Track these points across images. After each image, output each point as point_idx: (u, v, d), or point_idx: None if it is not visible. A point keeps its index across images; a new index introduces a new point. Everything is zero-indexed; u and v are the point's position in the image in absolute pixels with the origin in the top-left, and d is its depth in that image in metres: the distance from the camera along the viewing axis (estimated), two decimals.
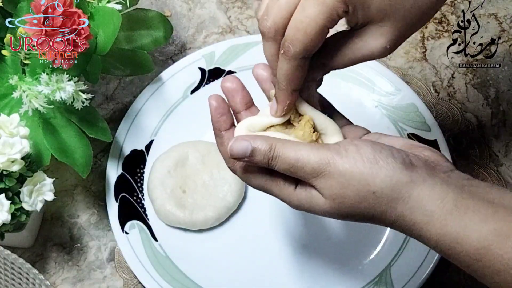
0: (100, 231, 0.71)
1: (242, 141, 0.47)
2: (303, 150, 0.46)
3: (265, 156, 0.47)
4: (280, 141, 0.47)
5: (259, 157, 0.47)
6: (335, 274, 0.67)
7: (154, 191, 0.69)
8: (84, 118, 0.65)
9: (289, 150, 0.46)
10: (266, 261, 0.68)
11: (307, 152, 0.46)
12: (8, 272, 0.61)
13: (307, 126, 0.50)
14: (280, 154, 0.47)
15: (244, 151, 0.47)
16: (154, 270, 0.66)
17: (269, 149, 0.47)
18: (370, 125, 0.73)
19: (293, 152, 0.46)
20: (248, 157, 0.47)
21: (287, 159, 0.46)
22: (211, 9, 0.83)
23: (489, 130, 0.76)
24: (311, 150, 0.46)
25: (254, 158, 0.47)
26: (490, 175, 0.73)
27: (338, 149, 0.46)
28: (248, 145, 0.47)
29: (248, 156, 0.47)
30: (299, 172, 0.46)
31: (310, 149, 0.46)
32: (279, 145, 0.47)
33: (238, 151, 0.47)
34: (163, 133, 0.74)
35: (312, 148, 0.46)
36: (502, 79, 0.79)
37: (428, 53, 0.80)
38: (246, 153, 0.47)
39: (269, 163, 0.47)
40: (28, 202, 0.60)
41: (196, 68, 0.76)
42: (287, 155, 0.46)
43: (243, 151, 0.47)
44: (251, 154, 0.47)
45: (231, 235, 0.69)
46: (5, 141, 0.58)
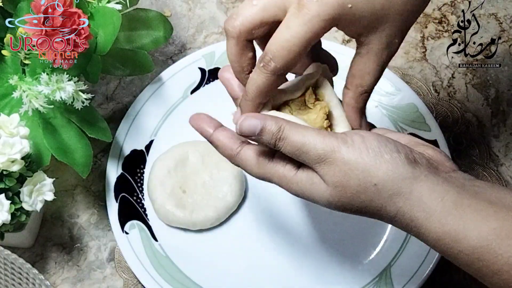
0: (100, 231, 0.71)
1: (252, 119, 0.47)
2: (310, 135, 0.46)
3: (273, 136, 0.47)
4: (289, 123, 0.47)
5: (267, 136, 0.47)
6: (335, 274, 0.67)
7: (154, 191, 0.69)
8: (84, 118, 0.65)
9: (296, 133, 0.47)
10: (266, 261, 0.68)
11: (314, 137, 0.46)
12: (8, 272, 0.61)
13: (321, 112, 0.50)
14: (288, 136, 0.47)
15: (253, 129, 0.47)
16: (154, 270, 0.66)
17: (277, 130, 0.47)
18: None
19: (301, 135, 0.46)
20: (256, 136, 0.47)
21: (294, 142, 0.47)
22: (211, 9, 0.83)
23: (489, 130, 0.76)
24: (318, 136, 0.46)
25: (262, 137, 0.47)
26: (490, 175, 0.73)
27: (345, 138, 0.46)
28: (258, 124, 0.47)
29: (256, 135, 0.47)
30: (304, 156, 0.47)
31: (317, 135, 0.46)
32: (287, 127, 0.47)
33: (248, 128, 0.47)
34: (163, 133, 0.74)
35: (319, 134, 0.46)
36: (502, 79, 0.79)
37: (428, 53, 0.80)
38: (255, 131, 0.47)
39: (275, 144, 0.47)
40: (28, 202, 0.60)
41: (196, 68, 0.76)
42: (294, 138, 0.47)
43: (253, 129, 0.47)
44: (259, 133, 0.47)
45: (231, 235, 0.69)
46: (5, 141, 0.58)
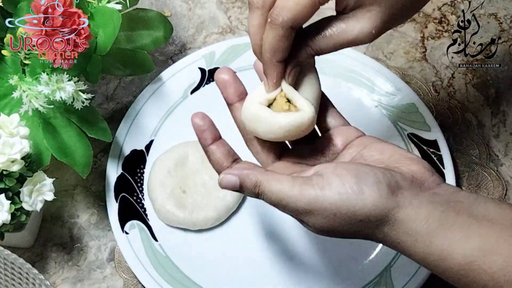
0: (100, 231, 0.71)
1: (230, 176, 0.49)
2: (286, 190, 0.47)
3: (252, 192, 0.49)
4: (266, 177, 0.48)
5: (247, 191, 0.49)
6: (335, 274, 0.67)
7: (154, 191, 0.69)
8: (84, 118, 0.65)
9: (273, 188, 0.47)
10: (265, 261, 0.68)
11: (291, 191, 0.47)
12: (8, 272, 0.61)
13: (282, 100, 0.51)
14: (265, 192, 0.48)
15: (232, 186, 0.49)
16: (154, 270, 0.66)
17: (254, 186, 0.48)
18: (370, 125, 0.74)
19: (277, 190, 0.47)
20: (237, 190, 0.49)
21: (272, 197, 0.48)
22: (211, 9, 0.83)
23: (489, 130, 0.76)
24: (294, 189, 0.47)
25: (243, 191, 0.49)
26: (490, 175, 0.73)
27: (321, 183, 0.46)
28: (236, 181, 0.49)
29: (237, 190, 0.49)
30: (285, 209, 0.48)
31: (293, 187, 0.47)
32: (263, 183, 0.48)
33: (228, 186, 0.49)
34: (163, 133, 0.74)
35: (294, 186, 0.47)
36: (502, 79, 0.79)
37: (428, 53, 0.80)
38: (235, 187, 0.49)
39: (257, 197, 0.49)
40: (28, 202, 0.60)
41: (196, 68, 0.76)
42: (271, 193, 0.48)
43: (232, 186, 0.49)
44: (240, 189, 0.49)
45: (231, 235, 0.69)
46: (5, 141, 0.58)
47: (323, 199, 0.46)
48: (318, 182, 0.46)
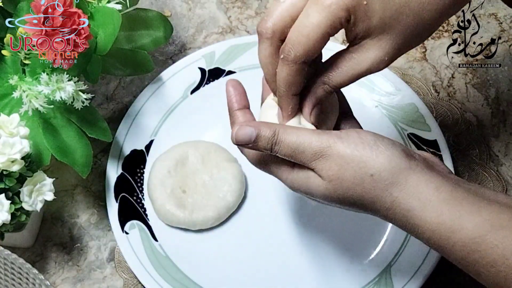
0: (100, 231, 0.71)
1: (246, 127, 0.49)
2: (305, 135, 0.47)
3: (269, 141, 0.48)
4: (283, 126, 0.48)
5: (263, 142, 0.48)
6: (335, 274, 0.67)
7: (154, 191, 0.69)
8: (84, 118, 0.65)
9: (291, 134, 0.48)
10: (265, 261, 0.68)
11: (309, 136, 0.47)
12: (8, 272, 0.61)
13: None
14: (283, 139, 0.48)
15: (249, 137, 0.48)
16: (154, 270, 0.66)
17: (272, 134, 0.48)
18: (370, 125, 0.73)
19: (295, 136, 0.47)
20: (252, 143, 0.48)
21: (290, 144, 0.47)
22: (211, 9, 0.83)
23: (489, 130, 0.76)
24: (313, 135, 0.47)
25: (258, 143, 0.48)
26: (490, 175, 0.73)
27: (339, 134, 0.47)
28: (253, 132, 0.48)
29: (252, 142, 0.48)
30: (300, 156, 0.47)
31: (312, 134, 0.47)
32: (281, 131, 0.48)
33: (244, 137, 0.48)
34: (163, 133, 0.74)
35: (313, 133, 0.47)
36: (502, 79, 0.79)
37: (428, 53, 0.80)
38: (251, 139, 0.48)
39: (272, 148, 0.48)
40: (28, 202, 0.60)
41: (196, 68, 0.76)
42: (289, 139, 0.47)
43: (248, 137, 0.48)
44: (255, 140, 0.48)
45: (231, 235, 0.69)
46: (5, 141, 0.58)
47: (339, 145, 0.46)
48: (336, 133, 0.47)
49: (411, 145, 0.72)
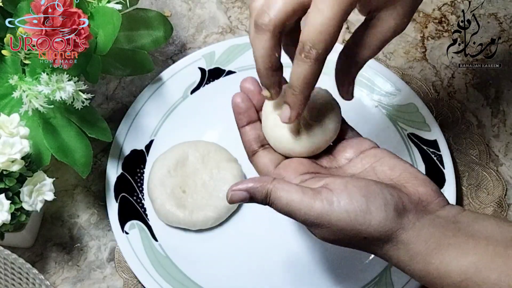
0: (100, 231, 0.71)
1: (239, 192, 0.49)
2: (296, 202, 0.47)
3: (263, 202, 0.49)
4: (275, 186, 0.48)
5: (258, 201, 0.50)
6: (335, 274, 0.67)
7: (154, 191, 0.69)
8: (84, 118, 0.65)
9: (283, 198, 0.48)
10: (265, 261, 0.68)
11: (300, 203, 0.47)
12: (8, 272, 0.61)
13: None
14: (275, 202, 0.49)
15: (243, 199, 0.49)
16: (154, 270, 0.66)
17: (265, 196, 0.49)
18: (370, 125, 0.74)
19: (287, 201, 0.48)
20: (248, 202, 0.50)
21: (282, 207, 0.48)
22: (211, 9, 0.83)
23: (489, 130, 0.76)
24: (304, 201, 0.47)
25: (254, 201, 0.50)
26: (490, 175, 0.73)
27: (331, 199, 0.47)
28: (246, 195, 0.49)
29: (248, 202, 0.50)
30: (294, 218, 0.48)
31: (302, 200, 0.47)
32: (273, 193, 0.48)
33: (239, 199, 0.50)
34: (163, 133, 0.74)
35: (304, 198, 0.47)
36: (502, 79, 0.79)
37: (428, 53, 0.80)
38: (245, 200, 0.50)
39: (268, 205, 0.50)
40: (28, 202, 0.60)
41: (196, 68, 0.76)
42: (281, 203, 0.48)
43: (242, 199, 0.50)
44: (250, 200, 0.50)
45: (231, 235, 0.69)
46: (5, 141, 0.58)
47: (331, 214, 0.47)
48: (327, 197, 0.47)
49: (411, 145, 0.72)
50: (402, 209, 0.47)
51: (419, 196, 0.49)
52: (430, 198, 0.49)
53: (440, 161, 0.71)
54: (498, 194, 0.72)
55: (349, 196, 0.47)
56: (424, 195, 0.49)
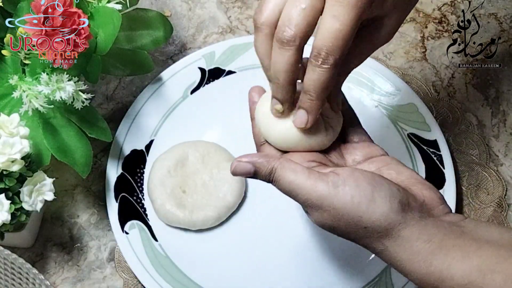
0: (100, 231, 0.71)
1: (245, 163, 0.49)
2: (300, 180, 0.47)
3: (266, 178, 0.49)
4: (281, 164, 0.48)
5: (261, 177, 0.49)
6: (335, 274, 0.67)
7: (154, 191, 0.69)
8: (84, 118, 0.65)
9: (287, 176, 0.48)
10: (265, 261, 0.68)
11: (304, 183, 0.47)
12: (8, 272, 0.61)
13: None
14: (279, 179, 0.48)
15: (247, 172, 0.49)
16: (154, 270, 0.66)
17: (269, 172, 0.49)
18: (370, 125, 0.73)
19: (291, 179, 0.48)
20: (251, 176, 0.50)
21: (285, 184, 0.48)
22: (211, 9, 0.83)
23: (489, 130, 0.76)
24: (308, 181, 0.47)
25: (257, 177, 0.49)
26: (490, 175, 0.73)
27: (337, 182, 0.47)
28: (251, 168, 0.49)
29: (252, 176, 0.50)
30: (295, 198, 0.48)
31: (307, 180, 0.47)
32: (278, 170, 0.48)
33: (242, 172, 0.49)
34: (163, 133, 0.74)
35: (309, 178, 0.47)
36: (502, 79, 0.79)
37: (428, 53, 0.80)
38: (249, 174, 0.49)
39: (270, 182, 0.49)
40: (28, 202, 0.60)
41: (196, 68, 0.76)
42: (285, 181, 0.48)
43: (246, 172, 0.49)
44: (254, 175, 0.49)
45: (231, 235, 0.69)
46: (5, 141, 0.58)
47: (335, 198, 0.46)
48: (333, 180, 0.47)
49: (411, 145, 0.72)
50: (406, 205, 0.47)
51: (424, 199, 0.49)
52: (434, 203, 0.49)
53: (440, 161, 0.71)
54: (498, 194, 0.72)
55: (356, 182, 0.46)
56: (428, 199, 0.49)
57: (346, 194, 0.46)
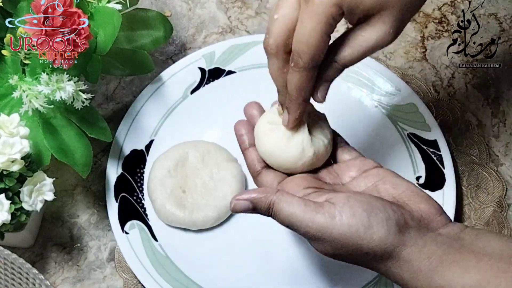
0: (100, 231, 0.71)
1: (242, 202, 0.50)
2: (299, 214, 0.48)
3: (265, 212, 0.50)
4: (278, 198, 0.49)
5: (260, 213, 0.50)
6: (335, 274, 0.67)
7: (154, 191, 0.69)
8: (84, 118, 0.65)
9: (285, 210, 0.49)
10: (265, 261, 0.68)
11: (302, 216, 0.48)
12: (8, 272, 0.61)
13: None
14: (277, 213, 0.49)
15: (246, 209, 0.50)
16: (154, 270, 0.66)
17: (267, 208, 0.50)
18: (370, 125, 0.74)
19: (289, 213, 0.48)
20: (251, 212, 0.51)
21: (284, 219, 0.49)
22: (211, 9, 0.83)
23: (489, 130, 0.76)
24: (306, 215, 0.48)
25: (256, 212, 0.51)
26: (490, 175, 0.73)
27: (333, 213, 0.47)
28: (249, 205, 0.50)
29: (251, 212, 0.51)
30: (295, 230, 0.49)
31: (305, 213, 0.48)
32: (276, 204, 0.49)
33: (241, 209, 0.50)
34: (163, 133, 0.74)
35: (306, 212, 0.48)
36: (502, 79, 0.79)
37: (428, 53, 0.80)
38: (248, 210, 0.50)
39: (270, 216, 0.50)
40: (28, 202, 0.60)
41: (196, 68, 0.76)
42: (283, 215, 0.49)
43: (245, 209, 0.50)
44: (252, 211, 0.50)
45: (231, 235, 0.69)
46: (5, 141, 0.58)
47: (333, 228, 0.47)
48: (329, 211, 0.48)
49: (411, 145, 0.72)
50: (403, 225, 0.47)
51: (421, 213, 0.49)
52: (432, 216, 0.49)
53: (440, 161, 0.71)
54: (498, 194, 0.72)
55: (351, 211, 0.47)
56: (426, 213, 0.49)
57: (344, 225, 0.47)
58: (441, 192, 0.69)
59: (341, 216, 0.47)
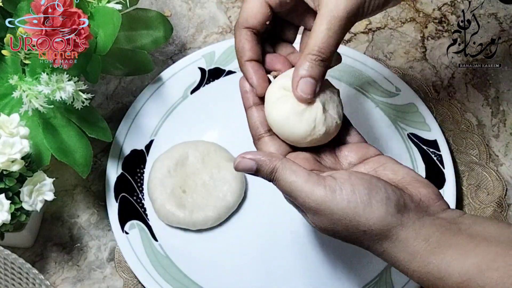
0: (100, 231, 0.71)
1: (248, 161, 0.50)
2: (299, 184, 0.48)
3: (267, 177, 0.50)
4: (282, 164, 0.49)
5: (262, 175, 0.50)
6: (335, 274, 0.67)
7: (154, 191, 0.69)
8: (84, 118, 0.65)
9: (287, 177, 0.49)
10: (266, 261, 0.68)
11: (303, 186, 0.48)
12: (8, 272, 0.61)
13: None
14: (279, 179, 0.49)
15: (249, 169, 0.50)
16: (154, 270, 0.66)
17: (270, 172, 0.49)
18: (370, 125, 0.74)
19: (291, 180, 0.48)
20: (253, 174, 0.50)
21: (285, 186, 0.49)
22: (211, 9, 0.83)
23: (489, 130, 0.76)
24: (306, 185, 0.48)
25: (258, 174, 0.50)
26: (490, 175, 0.73)
27: (333, 186, 0.47)
28: (253, 165, 0.50)
29: (253, 173, 0.50)
30: (294, 199, 0.49)
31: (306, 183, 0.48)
32: (279, 170, 0.49)
33: (244, 168, 0.50)
34: (163, 133, 0.74)
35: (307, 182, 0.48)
36: (502, 79, 0.79)
37: (428, 53, 0.80)
38: (251, 170, 0.50)
39: (271, 181, 0.50)
40: (28, 202, 0.60)
41: (196, 68, 0.76)
42: (285, 182, 0.49)
43: (248, 169, 0.50)
44: (255, 173, 0.50)
45: (231, 235, 0.69)
46: (5, 141, 0.58)
47: (332, 202, 0.47)
48: (330, 184, 0.47)
49: (411, 145, 0.72)
50: (403, 206, 0.47)
51: (420, 197, 0.49)
52: (431, 201, 0.49)
53: (440, 161, 0.71)
54: (498, 194, 0.72)
55: (352, 187, 0.47)
56: (425, 197, 0.49)
57: (343, 200, 0.47)
58: (441, 192, 0.69)
59: (341, 191, 0.47)
